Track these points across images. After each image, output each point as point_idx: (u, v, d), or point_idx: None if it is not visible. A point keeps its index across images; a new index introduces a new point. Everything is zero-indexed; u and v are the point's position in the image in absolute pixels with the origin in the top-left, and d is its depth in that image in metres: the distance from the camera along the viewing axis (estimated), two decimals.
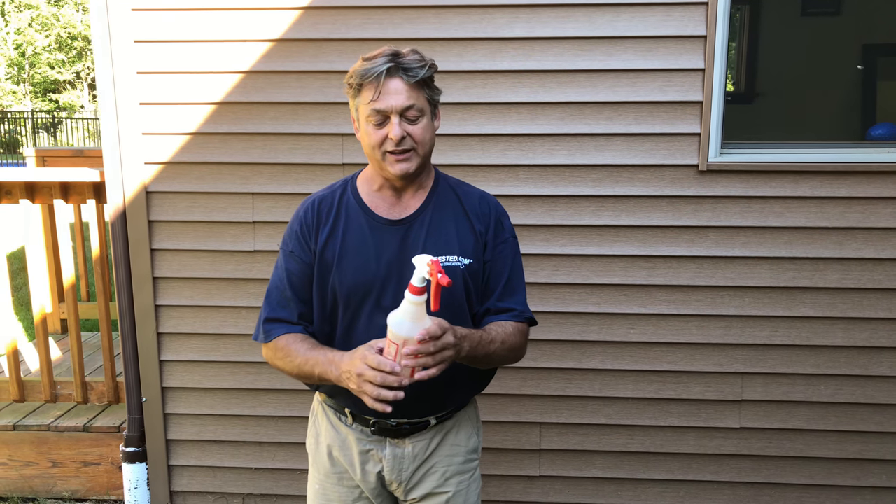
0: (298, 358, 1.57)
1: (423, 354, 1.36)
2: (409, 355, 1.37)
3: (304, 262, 1.64)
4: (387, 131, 1.52)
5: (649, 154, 2.60)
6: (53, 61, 31.98)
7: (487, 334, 1.56)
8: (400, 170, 1.54)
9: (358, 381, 1.41)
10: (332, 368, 1.49)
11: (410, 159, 1.55)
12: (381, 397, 1.37)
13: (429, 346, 1.36)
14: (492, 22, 2.55)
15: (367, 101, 1.52)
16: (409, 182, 1.62)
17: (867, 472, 2.74)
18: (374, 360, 1.38)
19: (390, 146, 1.52)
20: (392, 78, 1.50)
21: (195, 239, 2.76)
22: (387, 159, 1.55)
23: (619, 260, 2.67)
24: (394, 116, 1.51)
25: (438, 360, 1.38)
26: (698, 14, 2.51)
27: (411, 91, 1.51)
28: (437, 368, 1.39)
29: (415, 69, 1.51)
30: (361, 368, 1.40)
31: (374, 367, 1.38)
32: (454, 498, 1.71)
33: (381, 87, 1.50)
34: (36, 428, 3.06)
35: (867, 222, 2.58)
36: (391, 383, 1.37)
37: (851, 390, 2.69)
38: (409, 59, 1.51)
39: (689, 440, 2.77)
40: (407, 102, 1.51)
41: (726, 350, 2.70)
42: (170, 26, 2.63)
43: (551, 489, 2.84)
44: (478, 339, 1.52)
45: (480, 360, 1.56)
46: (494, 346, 1.57)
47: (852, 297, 2.64)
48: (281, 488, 2.91)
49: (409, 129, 1.52)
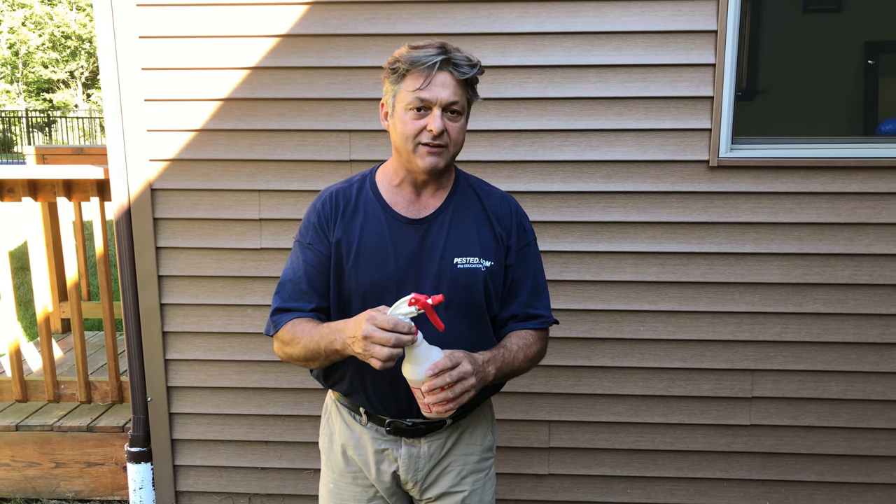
0: (304, 338, 1.52)
1: (443, 388, 1.36)
2: (432, 392, 1.37)
3: (322, 253, 1.59)
4: (425, 122, 1.49)
5: (659, 150, 2.58)
6: (47, 60, 31.82)
7: (509, 351, 1.56)
8: (429, 163, 1.51)
9: (364, 345, 1.33)
10: (338, 336, 1.43)
11: (441, 154, 1.52)
12: (392, 356, 1.31)
13: (444, 377, 1.36)
14: (501, 17, 2.53)
15: (411, 88, 1.48)
16: (433, 179, 1.59)
17: (878, 469, 2.74)
18: (389, 320, 1.31)
19: (426, 138, 1.49)
20: (442, 71, 1.47)
21: (201, 236, 2.73)
22: (418, 151, 1.51)
23: (629, 257, 2.65)
24: (436, 108, 1.48)
25: (459, 390, 1.38)
26: (709, 9, 2.49)
27: (457, 87, 1.49)
28: (456, 401, 1.38)
29: (464, 66, 1.49)
30: (369, 330, 1.32)
31: (390, 329, 1.30)
32: (470, 497, 1.69)
33: (432, 78, 1.47)
34: (39, 428, 3.03)
35: (878, 218, 2.57)
36: (406, 343, 1.32)
37: (862, 387, 2.68)
38: (459, 55, 1.49)
39: (698, 437, 2.76)
40: (453, 98, 1.48)
41: (737, 347, 2.69)
42: (175, 22, 2.60)
43: (560, 487, 2.83)
44: (501, 359, 1.53)
45: (508, 376, 1.58)
46: (518, 362, 1.58)
47: (863, 293, 2.63)
48: (288, 488, 2.89)
49: (448, 125, 1.50)
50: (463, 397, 1.39)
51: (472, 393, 1.40)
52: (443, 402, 1.38)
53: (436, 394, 1.37)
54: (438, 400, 1.37)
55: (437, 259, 1.56)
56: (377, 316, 1.33)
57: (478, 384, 1.43)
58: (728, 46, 2.49)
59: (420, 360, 1.36)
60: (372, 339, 1.32)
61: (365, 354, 1.35)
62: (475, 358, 1.45)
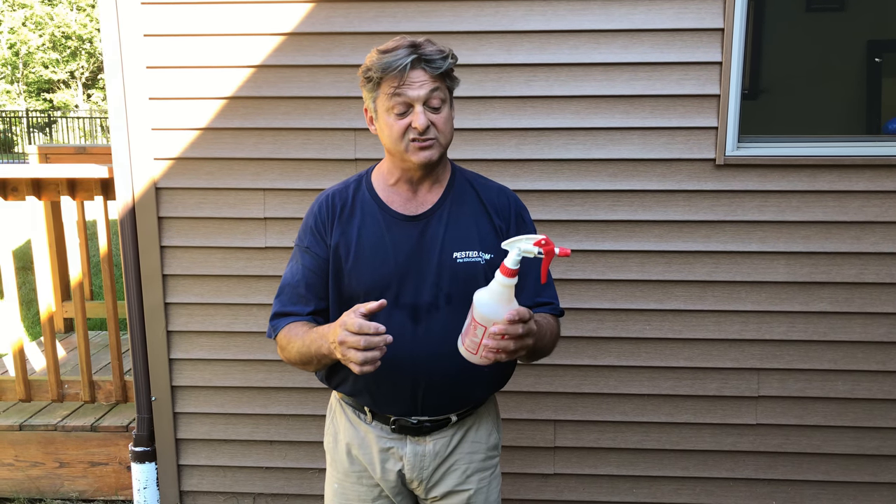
0: (297, 342, 1.53)
1: (510, 337, 1.32)
2: (496, 335, 1.32)
3: (321, 256, 1.60)
4: (409, 121, 1.49)
5: (666, 148, 2.57)
6: (47, 60, 31.81)
7: (541, 327, 1.53)
8: (423, 157, 1.52)
9: (342, 350, 1.33)
10: (324, 342, 1.44)
11: (433, 147, 1.52)
12: (367, 360, 1.30)
13: (518, 327, 1.31)
14: (507, 14, 2.53)
15: (388, 92, 1.49)
16: (428, 174, 1.59)
17: (885, 469, 2.73)
18: (355, 323, 1.31)
19: (414, 135, 1.50)
20: (414, 69, 1.48)
21: (205, 235, 2.72)
22: (410, 149, 1.52)
23: (635, 255, 2.65)
24: (417, 105, 1.49)
25: (520, 345, 1.34)
26: (715, 7, 2.48)
27: (433, 81, 1.50)
28: (510, 354, 1.35)
29: (437, 60, 1.49)
30: (343, 335, 1.32)
31: (356, 331, 1.30)
32: (475, 495, 1.69)
33: (405, 79, 1.47)
34: (42, 428, 3.02)
35: (886, 216, 2.56)
36: (376, 344, 1.30)
37: (869, 386, 2.68)
38: (430, 49, 1.49)
39: (704, 437, 2.75)
40: (430, 93, 1.49)
41: (743, 346, 2.68)
42: (180, 20, 2.59)
43: (566, 487, 2.82)
44: (538, 333, 1.48)
45: (540, 354, 1.56)
46: (546, 339, 1.55)
47: (870, 291, 2.62)
48: (292, 488, 2.88)
49: (433, 118, 1.51)
50: (517, 353, 1.36)
51: (523, 353, 1.38)
52: (500, 350, 1.34)
53: (498, 340, 1.33)
54: (500, 346, 1.33)
55: (436, 254, 1.56)
56: (347, 320, 1.33)
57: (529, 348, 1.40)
58: (735, 44, 2.48)
59: (505, 299, 1.32)
60: (346, 343, 1.32)
61: (343, 360, 1.35)
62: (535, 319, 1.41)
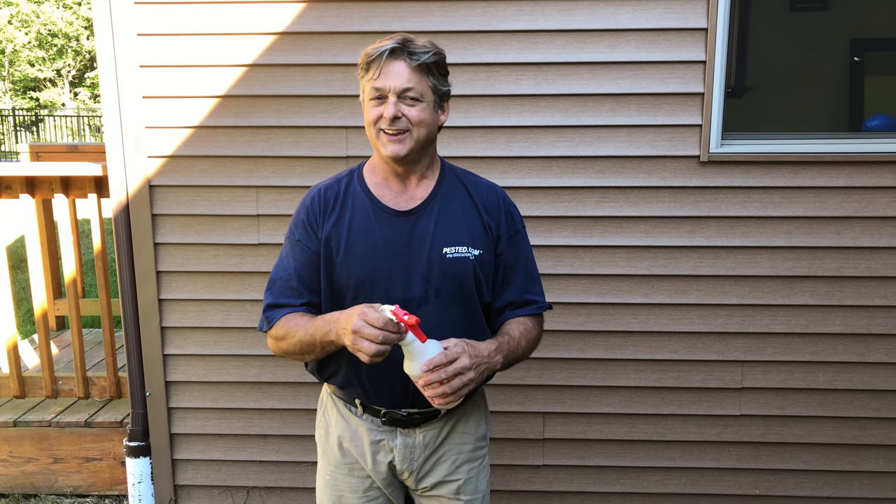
0: (299, 331, 1.56)
1: (438, 383, 1.41)
2: (429, 386, 1.42)
3: (312, 250, 1.63)
4: (382, 110, 1.53)
5: (651, 145, 2.63)
6: (33, 59, 31.55)
7: (513, 339, 1.61)
8: (392, 151, 1.55)
9: (353, 338, 1.38)
10: (332, 327, 1.47)
11: (404, 142, 1.55)
12: (379, 353, 1.36)
13: (439, 373, 1.40)
14: (496, 15, 2.57)
15: (369, 79, 1.55)
16: (410, 169, 1.62)
17: (864, 458, 2.80)
18: (380, 319, 1.35)
19: (384, 124, 1.54)
20: (395, 59, 1.52)
21: (199, 232, 2.76)
22: (380, 139, 1.56)
23: (621, 250, 2.70)
24: (391, 96, 1.52)
25: (457, 385, 1.42)
26: (699, 7, 2.54)
27: (413, 74, 1.53)
28: (456, 394, 1.42)
29: (419, 53, 1.52)
30: (359, 325, 1.36)
31: (380, 327, 1.34)
32: (465, 485, 1.72)
33: (383, 66, 1.52)
34: (37, 424, 3.04)
35: (864, 211, 2.63)
36: (394, 341, 1.36)
37: (849, 377, 2.74)
38: (417, 43, 1.54)
39: (690, 428, 2.81)
40: (406, 84, 1.52)
41: (727, 339, 2.74)
42: (173, 19, 2.62)
43: (555, 478, 2.87)
44: (507, 347, 1.58)
45: (513, 362, 1.63)
46: (521, 348, 1.63)
47: (850, 285, 2.68)
48: (286, 481, 2.91)
49: (406, 111, 1.53)
50: (462, 391, 1.43)
51: (472, 386, 1.44)
52: (441, 395, 1.42)
53: (434, 388, 1.42)
54: (437, 394, 1.42)
55: (426, 249, 1.59)
56: (369, 312, 1.37)
57: (479, 376, 1.47)
58: (718, 43, 2.54)
59: (416, 355, 1.40)
60: (360, 333, 1.36)
61: (353, 348, 1.39)
62: (479, 350, 1.49)
